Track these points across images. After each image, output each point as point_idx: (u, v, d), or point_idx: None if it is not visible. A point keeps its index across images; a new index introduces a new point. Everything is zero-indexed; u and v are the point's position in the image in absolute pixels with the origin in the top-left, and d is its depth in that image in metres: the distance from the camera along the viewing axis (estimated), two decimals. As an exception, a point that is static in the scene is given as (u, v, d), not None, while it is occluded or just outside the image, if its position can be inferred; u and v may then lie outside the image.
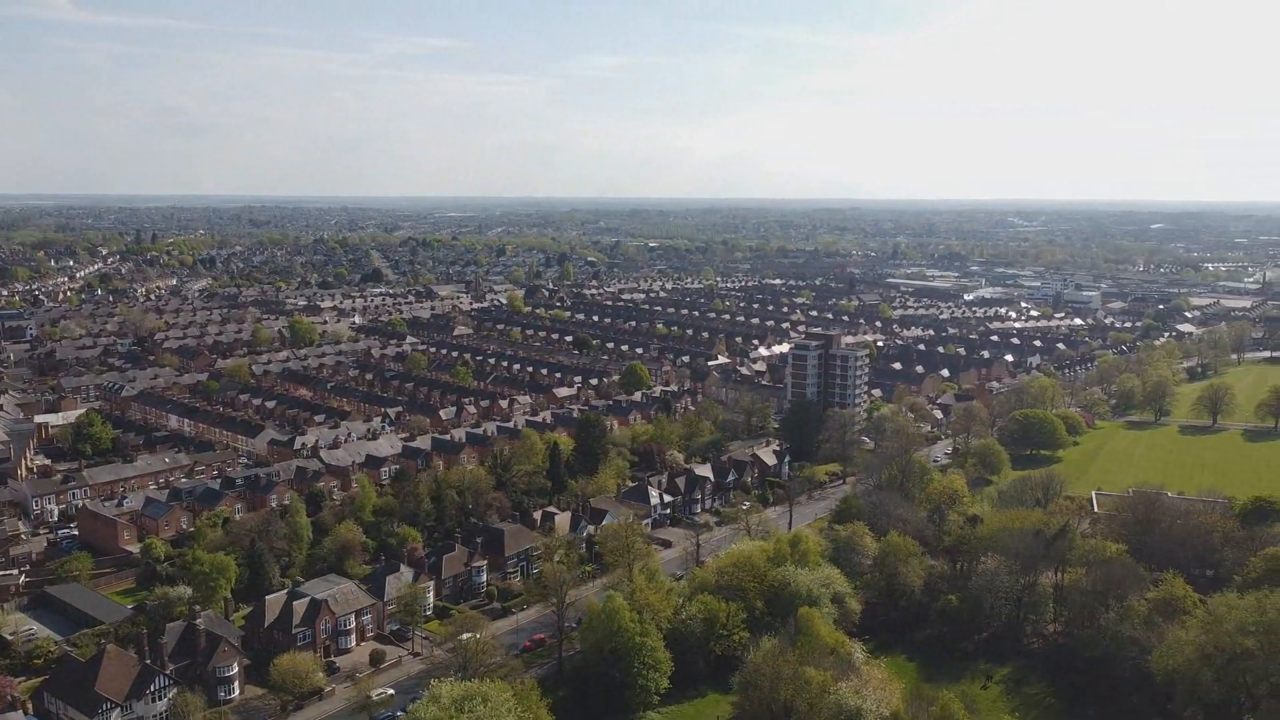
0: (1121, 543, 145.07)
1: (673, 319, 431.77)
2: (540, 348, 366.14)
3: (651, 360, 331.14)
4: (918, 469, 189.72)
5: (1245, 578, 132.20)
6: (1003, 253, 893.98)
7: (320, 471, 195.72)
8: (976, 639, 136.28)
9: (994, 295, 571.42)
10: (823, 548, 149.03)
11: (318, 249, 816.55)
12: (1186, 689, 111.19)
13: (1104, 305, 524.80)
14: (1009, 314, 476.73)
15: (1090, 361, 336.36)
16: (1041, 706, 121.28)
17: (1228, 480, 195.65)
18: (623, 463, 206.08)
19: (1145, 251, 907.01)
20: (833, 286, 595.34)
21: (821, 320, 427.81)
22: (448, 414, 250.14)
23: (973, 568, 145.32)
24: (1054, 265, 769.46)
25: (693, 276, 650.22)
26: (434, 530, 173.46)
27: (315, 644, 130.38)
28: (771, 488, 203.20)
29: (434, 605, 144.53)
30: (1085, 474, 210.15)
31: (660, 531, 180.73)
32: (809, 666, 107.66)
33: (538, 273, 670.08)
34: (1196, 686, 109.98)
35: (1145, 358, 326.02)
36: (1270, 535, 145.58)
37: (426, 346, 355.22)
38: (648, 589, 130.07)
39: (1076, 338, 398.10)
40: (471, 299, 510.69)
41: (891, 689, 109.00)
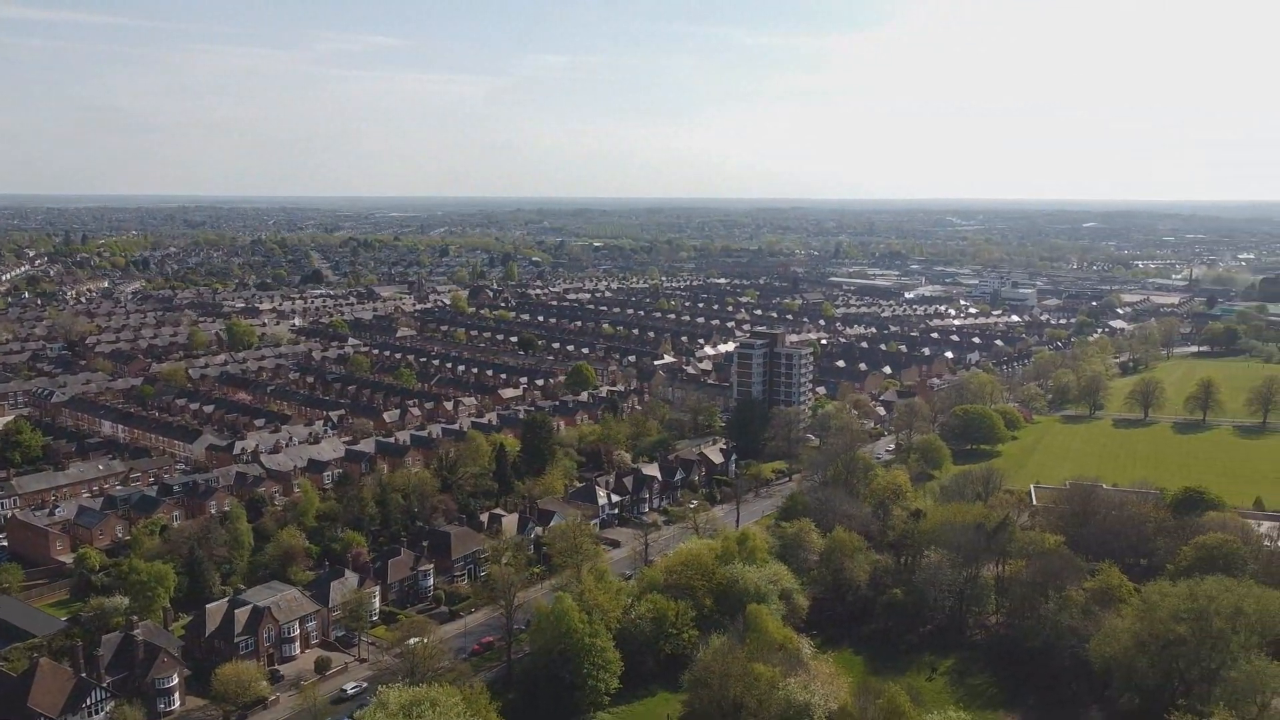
0: (1059, 534, 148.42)
1: (618, 319, 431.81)
2: (485, 349, 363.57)
3: (597, 360, 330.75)
4: (862, 465, 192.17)
5: (1177, 566, 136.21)
6: (942, 252, 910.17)
7: (261, 476, 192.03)
8: (921, 631, 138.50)
9: (934, 293, 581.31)
10: (770, 545, 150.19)
11: (256, 250, 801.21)
12: (1123, 676, 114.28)
13: (1040, 302, 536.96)
14: (949, 311, 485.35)
15: (1027, 358, 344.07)
16: (985, 697, 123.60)
17: (1159, 471, 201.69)
18: (570, 463, 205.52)
19: (1078, 250, 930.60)
20: (777, 285, 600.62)
21: (766, 319, 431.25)
22: (391, 416, 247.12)
23: (916, 561, 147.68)
24: (991, 264, 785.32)
25: (638, 276, 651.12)
26: (379, 534, 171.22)
27: (258, 652, 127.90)
28: (719, 486, 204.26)
29: (380, 610, 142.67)
30: (1024, 468, 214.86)
31: (608, 531, 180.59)
32: (758, 663, 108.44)
33: (482, 273, 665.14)
34: (1132, 673, 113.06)
35: (1080, 353, 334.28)
36: (1200, 524, 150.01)
37: (369, 348, 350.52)
38: (597, 589, 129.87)
39: (1014, 334, 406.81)
40: (414, 300, 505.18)
41: (839, 683, 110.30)
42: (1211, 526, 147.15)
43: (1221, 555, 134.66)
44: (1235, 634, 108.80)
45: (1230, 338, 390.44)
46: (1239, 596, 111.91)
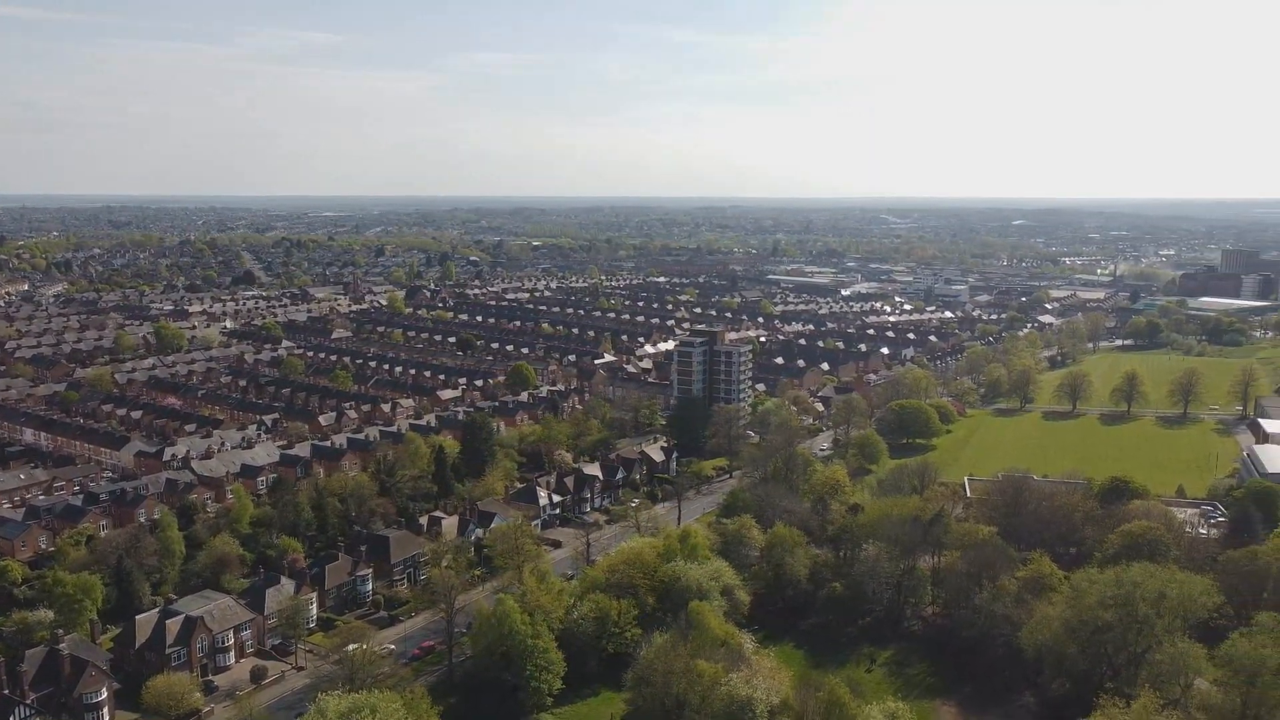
0: (992, 525, 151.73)
1: (558, 318, 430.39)
2: (423, 349, 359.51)
3: (537, 360, 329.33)
4: (801, 461, 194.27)
5: (1104, 554, 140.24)
6: (877, 249, 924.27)
7: (192, 483, 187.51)
8: (860, 624, 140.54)
9: (870, 290, 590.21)
10: (711, 542, 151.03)
11: (184, 251, 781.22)
12: (1054, 662, 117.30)
13: (971, 298, 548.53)
14: (884, 308, 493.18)
15: (960, 352, 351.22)
16: (922, 686, 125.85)
17: (1087, 462, 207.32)
18: (510, 464, 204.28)
19: (1008, 247, 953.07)
20: (716, 283, 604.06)
21: (705, 317, 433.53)
22: (327, 419, 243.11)
23: (855, 555, 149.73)
24: (925, 261, 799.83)
25: (577, 275, 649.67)
26: (316, 540, 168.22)
27: (191, 663, 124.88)
28: (660, 484, 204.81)
29: (318, 617, 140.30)
30: (957, 460, 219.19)
31: (550, 532, 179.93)
32: (700, 659, 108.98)
33: (419, 273, 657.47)
34: (1063, 659, 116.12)
35: (1010, 348, 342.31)
36: (1126, 513, 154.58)
37: (303, 350, 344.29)
38: (539, 590, 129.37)
39: (947, 330, 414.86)
40: (350, 301, 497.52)
41: (781, 677, 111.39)
42: (1136, 515, 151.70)
43: (1146, 542, 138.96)
44: (1159, 618, 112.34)
45: (1152, 332, 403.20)
46: (1162, 582, 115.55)
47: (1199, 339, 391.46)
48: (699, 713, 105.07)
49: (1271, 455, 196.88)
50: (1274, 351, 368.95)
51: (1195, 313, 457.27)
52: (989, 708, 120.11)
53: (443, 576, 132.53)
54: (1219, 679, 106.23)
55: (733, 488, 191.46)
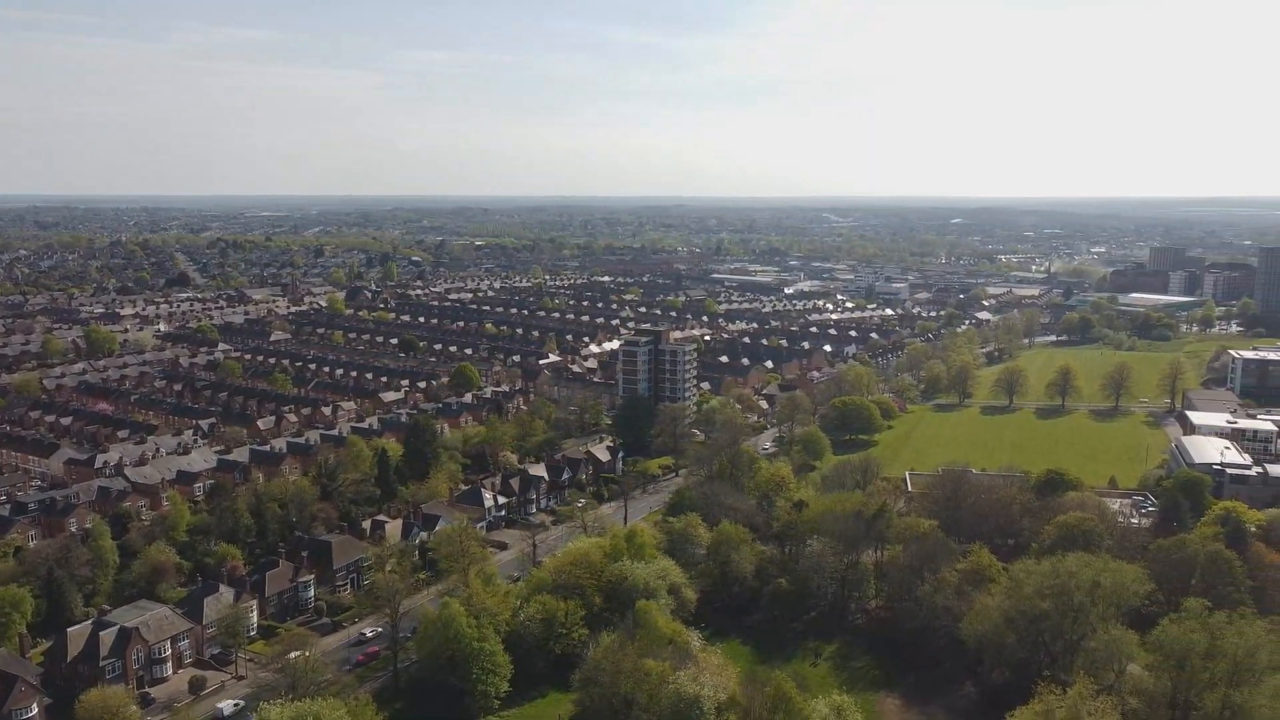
0: (933, 519, 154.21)
1: (502, 318, 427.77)
2: (364, 351, 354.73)
3: (481, 361, 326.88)
4: (746, 458, 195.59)
5: (1041, 545, 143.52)
6: (819, 248, 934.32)
7: (126, 490, 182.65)
8: (805, 619, 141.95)
9: (812, 288, 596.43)
10: (658, 540, 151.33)
11: (115, 252, 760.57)
12: (993, 651, 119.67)
13: (911, 296, 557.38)
14: (826, 306, 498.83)
15: (900, 349, 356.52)
16: (867, 679, 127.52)
17: (1024, 455, 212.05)
18: (455, 466, 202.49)
19: (946, 245, 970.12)
20: (660, 283, 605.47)
21: (650, 316, 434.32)
22: (266, 423, 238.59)
23: (800, 551, 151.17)
24: (866, 259, 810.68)
25: (521, 275, 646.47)
26: (256, 546, 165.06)
27: (127, 675, 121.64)
28: (606, 484, 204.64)
29: (259, 625, 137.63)
30: (899, 456, 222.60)
31: (496, 534, 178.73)
32: (648, 658, 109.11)
33: (359, 274, 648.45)
34: (1002, 648, 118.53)
35: (949, 344, 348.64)
36: (1061, 504, 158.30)
37: (241, 353, 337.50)
38: (484, 593, 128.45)
39: (888, 327, 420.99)
40: (289, 302, 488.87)
41: (728, 673, 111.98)
42: (1071, 506, 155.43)
43: (1080, 533, 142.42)
44: (1094, 606, 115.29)
45: (1085, 327, 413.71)
46: (1096, 571, 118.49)
47: (1129, 334, 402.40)
48: (647, 711, 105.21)
49: (1198, 446, 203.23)
50: (1200, 346, 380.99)
51: (1125, 308, 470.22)
52: (931, 698, 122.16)
53: (386, 581, 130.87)
54: (1150, 664, 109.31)
55: (679, 486, 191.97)
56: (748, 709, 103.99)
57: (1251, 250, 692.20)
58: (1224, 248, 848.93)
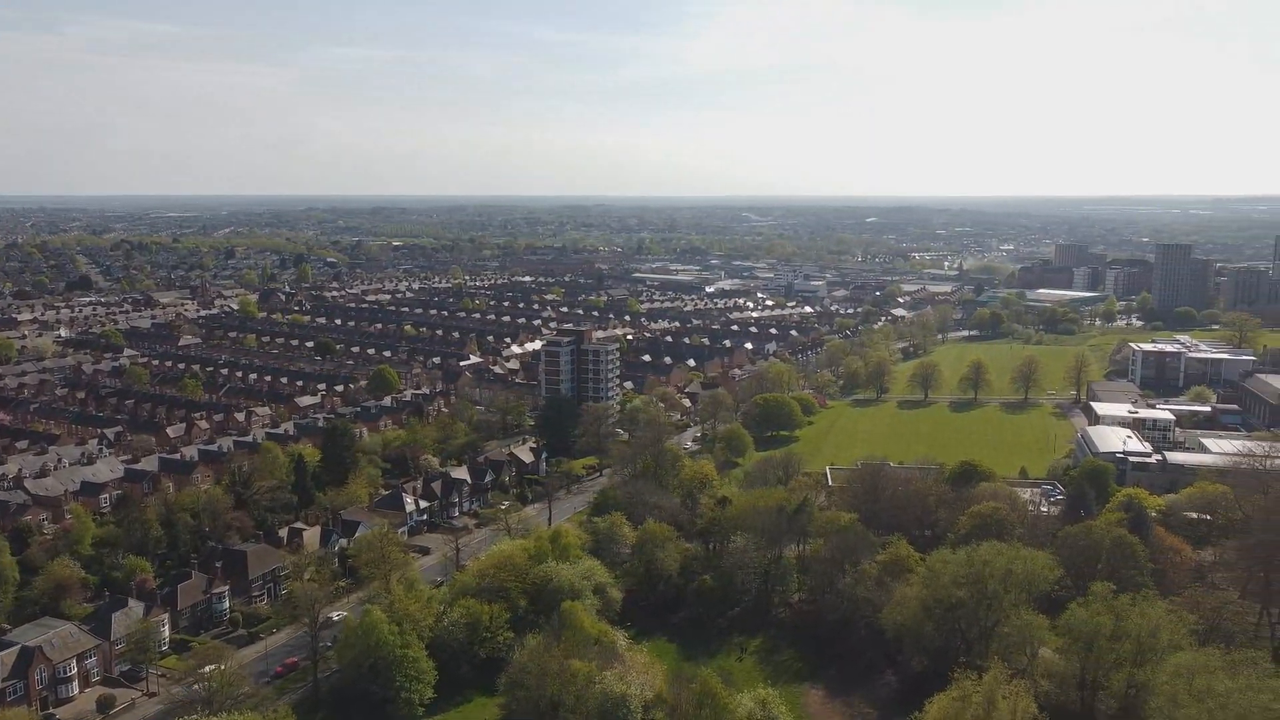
0: (853, 512, 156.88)
1: (421, 319, 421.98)
2: (279, 355, 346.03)
3: (400, 363, 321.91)
4: (670, 457, 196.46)
5: (957, 534, 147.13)
6: (740, 247, 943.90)
7: (26, 504, 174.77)
8: (730, 615, 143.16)
9: (733, 287, 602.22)
10: (583, 540, 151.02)
11: (11, 254, 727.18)
12: (913, 640, 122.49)
13: (830, 294, 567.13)
14: (747, 304, 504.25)
15: (820, 346, 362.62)
16: (791, 671, 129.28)
17: (939, 448, 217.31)
18: (374, 471, 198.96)
19: (862, 243, 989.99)
20: (582, 282, 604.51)
21: (572, 316, 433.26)
22: (176, 431, 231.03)
23: (724, 547, 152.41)
24: (785, 258, 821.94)
25: (440, 276, 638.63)
26: (167, 558, 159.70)
27: (30, 697, 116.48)
28: (530, 485, 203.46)
29: (171, 639, 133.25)
30: (820, 451, 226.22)
31: (418, 538, 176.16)
32: (574, 659, 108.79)
33: (272, 275, 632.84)
34: (921, 637, 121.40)
35: (866, 341, 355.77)
36: (975, 495, 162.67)
37: (148, 359, 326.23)
38: (407, 599, 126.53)
39: (807, 325, 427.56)
40: (199, 305, 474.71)
41: (654, 671, 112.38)
42: (984, 496, 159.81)
43: (993, 522, 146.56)
44: (1007, 593, 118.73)
45: (995, 322, 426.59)
46: (1009, 559, 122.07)
47: (1037, 329, 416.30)
48: (574, 712, 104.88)
49: (1102, 436, 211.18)
50: (1103, 339, 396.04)
51: (1033, 304, 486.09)
52: (853, 688, 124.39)
53: (305, 590, 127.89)
54: (1060, 646, 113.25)
55: (603, 486, 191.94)
56: (674, 706, 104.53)
57: (1149, 247, 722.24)
58: (1124, 245, 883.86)
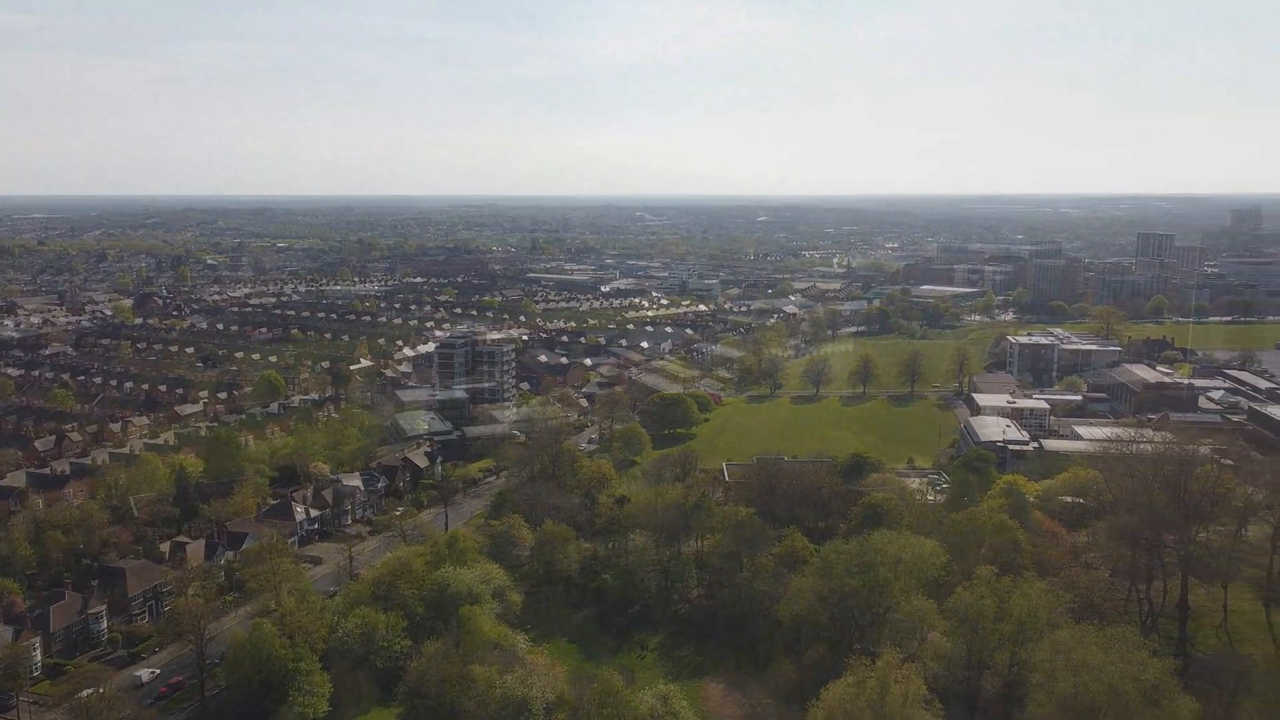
0: (750, 506, 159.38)
1: (309, 323, 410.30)
2: (157, 362, 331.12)
3: (287, 368, 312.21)
4: (568, 457, 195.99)
5: (849, 525, 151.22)
6: (634, 246, 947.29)
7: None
8: (630, 613, 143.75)
9: (628, 286, 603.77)
10: (480, 544, 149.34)
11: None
12: (809, 630, 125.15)
13: (723, 292, 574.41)
14: (642, 303, 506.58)
15: (714, 344, 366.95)
16: (692, 666, 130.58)
17: (831, 442, 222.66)
18: (262, 480, 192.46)
19: (754, 241, 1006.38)
20: (475, 283, 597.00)
21: (466, 317, 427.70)
22: (45, 445, 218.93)
23: (623, 545, 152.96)
24: (679, 257, 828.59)
25: (329, 278, 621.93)
26: (37, 578, 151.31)
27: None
28: (425, 490, 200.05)
29: (43, 663, 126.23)
30: (716, 448, 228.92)
31: (309, 548, 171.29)
32: (474, 664, 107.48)
33: (149, 279, 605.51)
34: (817, 626, 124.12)
35: (760, 338, 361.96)
36: (866, 486, 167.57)
37: (12, 369, 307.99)
38: (298, 610, 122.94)
39: (702, 323, 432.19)
40: (67, 311, 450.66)
41: (555, 673, 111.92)
42: (875, 487, 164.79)
43: (883, 512, 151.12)
44: (897, 580, 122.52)
45: (882, 318, 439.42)
46: (899, 547, 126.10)
47: (921, 324, 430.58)
48: (475, 718, 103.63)
49: (984, 426, 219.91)
50: (983, 333, 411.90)
51: (917, 300, 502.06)
52: (752, 680, 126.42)
53: (189, 606, 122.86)
54: (948, 629, 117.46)
55: (500, 489, 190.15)
56: (576, 707, 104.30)
57: (1023, 245, 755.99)
58: (1001, 242, 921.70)
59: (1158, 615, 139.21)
